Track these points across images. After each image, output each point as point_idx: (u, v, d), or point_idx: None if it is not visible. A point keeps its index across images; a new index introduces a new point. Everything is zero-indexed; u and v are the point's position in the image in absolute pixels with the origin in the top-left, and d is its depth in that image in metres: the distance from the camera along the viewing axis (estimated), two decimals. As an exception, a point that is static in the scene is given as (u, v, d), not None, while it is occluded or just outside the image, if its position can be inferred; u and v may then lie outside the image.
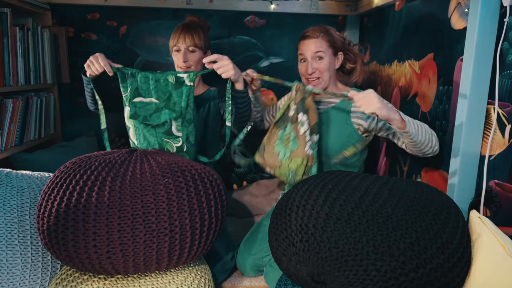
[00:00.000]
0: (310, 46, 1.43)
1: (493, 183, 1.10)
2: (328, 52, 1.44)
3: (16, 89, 1.63)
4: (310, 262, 0.88)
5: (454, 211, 0.95)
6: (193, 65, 1.58)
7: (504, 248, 0.83)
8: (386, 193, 0.94)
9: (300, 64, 1.50)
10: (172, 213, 0.98)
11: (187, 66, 1.57)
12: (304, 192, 0.99)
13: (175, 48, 1.58)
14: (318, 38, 1.43)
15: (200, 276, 1.15)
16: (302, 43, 1.46)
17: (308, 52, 1.44)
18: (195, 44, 1.57)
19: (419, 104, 1.49)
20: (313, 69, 1.43)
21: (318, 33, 1.43)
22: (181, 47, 1.56)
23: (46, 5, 1.91)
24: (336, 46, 1.46)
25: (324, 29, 1.45)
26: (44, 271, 1.12)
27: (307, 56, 1.44)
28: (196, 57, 1.59)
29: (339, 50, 1.48)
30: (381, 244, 0.83)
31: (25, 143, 1.72)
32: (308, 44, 1.44)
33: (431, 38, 1.42)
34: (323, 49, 1.43)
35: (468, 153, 1.15)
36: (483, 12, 1.07)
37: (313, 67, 1.43)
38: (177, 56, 1.58)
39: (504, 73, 1.07)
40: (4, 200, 1.09)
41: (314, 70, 1.43)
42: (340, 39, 1.48)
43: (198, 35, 1.57)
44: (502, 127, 1.07)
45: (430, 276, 0.81)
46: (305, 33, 1.47)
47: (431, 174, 1.40)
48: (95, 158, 1.08)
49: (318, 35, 1.43)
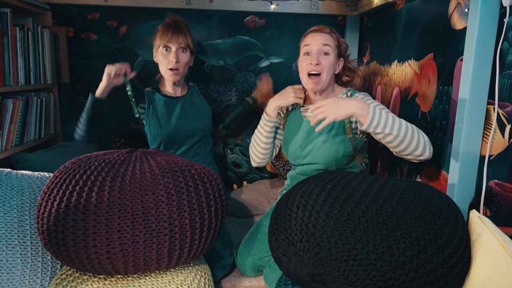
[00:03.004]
0: (318, 38, 1.35)
1: (493, 183, 1.10)
2: (334, 51, 1.37)
3: (16, 89, 1.63)
4: (310, 262, 0.88)
5: (454, 211, 0.95)
6: (182, 66, 1.57)
7: (504, 248, 0.83)
8: (386, 193, 0.94)
9: (302, 58, 1.40)
10: (172, 213, 0.98)
11: (177, 67, 1.55)
12: (304, 192, 0.99)
13: (163, 46, 1.54)
14: (328, 33, 1.37)
15: (200, 275, 1.14)
16: (310, 35, 1.38)
17: (316, 44, 1.35)
18: (188, 44, 1.56)
19: (419, 104, 1.49)
20: (318, 60, 1.34)
21: (328, 30, 1.38)
22: (172, 47, 1.53)
23: (46, 5, 1.91)
24: (341, 49, 1.41)
25: (332, 29, 1.40)
26: (44, 271, 1.11)
27: (314, 47, 1.35)
28: (187, 58, 1.58)
29: (341, 55, 1.42)
30: (381, 244, 0.83)
31: (25, 143, 1.72)
32: (317, 36, 1.36)
33: (431, 38, 1.42)
34: (331, 44, 1.36)
35: (468, 153, 1.14)
36: (483, 12, 1.07)
37: (318, 59, 1.34)
38: (165, 55, 1.55)
39: (504, 73, 1.07)
40: (4, 200, 1.09)
41: (319, 61, 1.34)
42: (344, 45, 1.43)
43: (189, 35, 1.57)
44: (502, 127, 1.07)
45: (430, 276, 0.81)
46: (312, 28, 1.41)
47: (431, 174, 1.40)
48: (94, 158, 1.08)
49: (328, 31, 1.38)
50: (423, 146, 1.14)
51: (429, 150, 1.15)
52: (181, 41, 1.53)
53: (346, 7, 2.06)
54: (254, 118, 1.70)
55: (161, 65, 1.58)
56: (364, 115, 1.10)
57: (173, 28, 1.54)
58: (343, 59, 1.43)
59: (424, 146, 1.14)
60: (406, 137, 1.12)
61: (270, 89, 1.69)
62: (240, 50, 2.14)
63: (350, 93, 1.41)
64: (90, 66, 2.07)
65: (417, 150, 1.13)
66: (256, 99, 1.70)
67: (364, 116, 1.10)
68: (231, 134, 1.82)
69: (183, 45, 1.55)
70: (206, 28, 2.10)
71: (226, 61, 2.14)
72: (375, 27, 1.95)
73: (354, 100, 1.12)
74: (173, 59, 1.53)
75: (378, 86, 1.88)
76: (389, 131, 1.11)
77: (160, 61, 1.58)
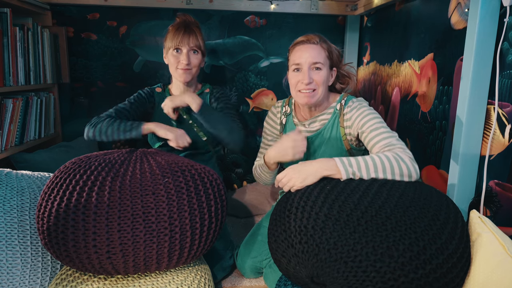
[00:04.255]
0: (308, 52, 1.27)
1: (493, 183, 1.10)
2: (326, 64, 1.29)
3: (16, 89, 1.63)
4: (310, 263, 0.88)
5: (453, 211, 0.95)
6: (194, 67, 1.53)
7: (504, 248, 0.83)
8: (385, 194, 0.94)
9: (292, 73, 1.31)
10: (172, 213, 0.98)
11: (189, 68, 1.51)
12: (303, 193, 0.99)
13: (174, 48, 1.50)
14: (317, 45, 1.28)
15: (200, 276, 1.15)
16: (298, 48, 1.29)
17: (307, 60, 1.26)
18: (199, 46, 1.52)
19: (419, 104, 1.49)
20: (310, 79, 1.26)
21: (318, 39, 1.29)
22: (183, 48, 1.49)
23: (46, 5, 1.91)
24: (333, 59, 1.32)
25: (321, 37, 1.31)
26: (44, 271, 1.11)
27: (304, 64, 1.27)
28: (199, 59, 1.54)
29: (334, 65, 1.34)
30: (380, 245, 0.82)
31: (25, 143, 1.72)
32: (306, 50, 1.27)
33: (431, 38, 1.42)
34: (322, 60, 1.28)
35: (468, 153, 1.14)
36: (483, 12, 1.07)
37: (310, 77, 1.26)
38: (176, 57, 1.51)
39: (504, 73, 1.07)
40: (4, 200, 1.09)
41: (311, 80, 1.26)
42: (336, 53, 1.34)
43: (201, 36, 1.53)
44: (502, 127, 1.07)
45: (429, 277, 0.81)
46: (300, 38, 1.31)
47: (431, 174, 1.40)
48: (95, 158, 1.08)
49: (317, 41, 1.28)
50: (407, 173, 1.04)
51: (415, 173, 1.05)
52: (192, 43, 1.49)
53: (346, 7, 2.06)
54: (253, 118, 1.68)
55: (171, 66, 1.54)
56: (335, 173, 1.03)
57: (184, 29, 1.50)
58: (336, 69, 1.36)
59: (409, 173, 1.05)
60: (387, 172, 1.04)
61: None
62: (240, 50, 2.14)
63: (345, 100, 1.33)
64: (90, 66, 2.07)
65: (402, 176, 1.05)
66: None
67: (337, 173, 1.03)
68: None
69: (195, 47, 1.51)
70: (206, 28, 2.10)
71: (226, 61, 2.14)
72: (375, 27, 1.95)
73: (317, 162, 1.05)
74: (184, 61, 1.49)
75: (378, 86, 1.88)
76: (366, 174, 1.04)
77: (171, 63, 1.53)
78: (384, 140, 1.15)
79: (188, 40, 1.49)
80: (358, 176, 1.04)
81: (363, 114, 1.25)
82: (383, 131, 1.18)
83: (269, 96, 2.20)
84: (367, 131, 1.21)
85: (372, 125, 1.20)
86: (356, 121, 1.26)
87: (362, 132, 1.23)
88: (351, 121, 1.29)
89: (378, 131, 1.18)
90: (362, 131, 1.23)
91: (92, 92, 2.10)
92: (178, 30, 1.50)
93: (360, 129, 1.24)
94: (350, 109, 1.30)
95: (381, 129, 1.18)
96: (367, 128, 1.21)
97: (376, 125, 1.20)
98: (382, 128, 1.19)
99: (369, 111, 1.25)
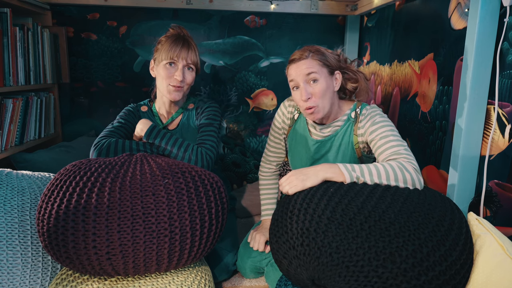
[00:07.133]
0: (300, 68, 1.23)
1: (493, 183, 1.10)
2: (323, 72, 1.24)
3: (16, 89, 1.63)
4: (311, 266, 0.87)
5: (458, 216, 0.93)
6: (186, 85, 1.41)
7: (503, 249, 0.84)
8: (389, 198, 0.93)
9: (293, 92, 1.28)
10: (172, 214, 0.98)
11: (181, 86, 1.39)
12: (305, 195, 0.98)
13: (168, 61, 1.36)
14: (308, 58, 1.24)
15: (200, 277, 1.15)
16: (291, 67, 1.27)
17: (300, 76, 1.23)
18: (196, 63, 1.41)
19: (419, 104, 1.49)
20: (308, 94, 1.23)
21: (307, 53, 1.25)
22: (179, 63, 1.37)
23: (46, 5, 1.91)
24: (331, 64, 1.27)
25: (313, 48, 1.27)
26: (44, 271, 1.12)
27: (299, 80, 1.24)
28: (193, 77, 1.42)
29: (335, 69, 1.29)
30: (383, 251, 0.81)
31: (25, 143, 1.72)
32: (298, 67, 1.24)
33: (431, 38, 1.42)
34: (316, 69, 1.23)
35: (468, 153, 1.15)
36: (483, 12, 1.07)
37: (307, 92, 1.23)
38: (169, 70, 1.37)
39: (504, 73, 1.07)
40: (4, 200, 1.09)
41: (309, 95, 1.23)
42: (333, 57, 1.29)
43: (197, 53, 1.43)
44: (502, 127, 1.07)
45: (432, 284, 0.80)
46: (291, 56, 1.28)
47: (431, 174, 1.40)
48: (95, 160, 1.08)
49: (307, 55, 1.24)
50: (411, 183, 1.04)
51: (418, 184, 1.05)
52: (190, 58, 1.38)
53: (346, 7, 2.06)
54: (253, 119, 1.66)
55: (161, 80, 1.39)
56: (337, 177, 1.04)
57: (182, 41, 1.38)
58: (339, 71, 1.31)
59: (413, 183, 1.04)
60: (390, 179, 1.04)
61: None
62: (240, 50, 2.14)
63: (359, 108, 1.30)
64: (90, 66, 2.07)
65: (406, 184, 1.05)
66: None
67: (340, 176, 1.04)
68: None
69: (192, 63, 1.39)
70: (206, 28, 2.10)
71: (226, 61, 2.14)
72: (375, 27, 1.95)
73: (319, 166, 1.06)
74: (178, 77, 1.36)
75: (378, 86, 1.88)
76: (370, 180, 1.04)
77: (161, 76, 1.38)
78: (391, 148, 1.14)
79: (186, 54, 1.37)
80: (362, 180, 1.04)
81: (375, 122, 1.24)
82: (392, 139, 1.16)
83: (269, 96, 2.20)
84: (376, 138, 1.20)
85: (382, 133, 1.19)
86: (369, 128, 1.25)
87: (372, 140, 1.22)
88: (364, 129, 1.28)
89: (386, 139, 1.17)
90: (372, 138, 1.22)
91: (92, 92, 2.10)
92: (176, 42, 1.38)
93: (370, 136, 1.24)
94: (364, 117, 1.28)
95: (390, 137, 1.17)
96: (377, 135, 1.20)
97: (386, 133, 1.18)
98: (392, 137, 1.17)
99: (381, 119, 1.24)
